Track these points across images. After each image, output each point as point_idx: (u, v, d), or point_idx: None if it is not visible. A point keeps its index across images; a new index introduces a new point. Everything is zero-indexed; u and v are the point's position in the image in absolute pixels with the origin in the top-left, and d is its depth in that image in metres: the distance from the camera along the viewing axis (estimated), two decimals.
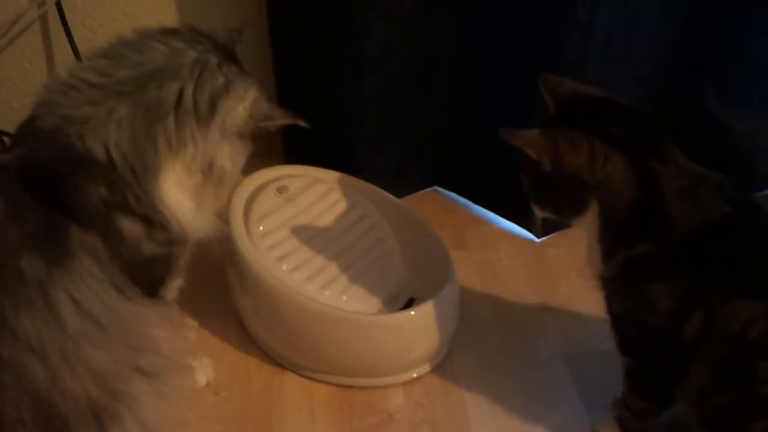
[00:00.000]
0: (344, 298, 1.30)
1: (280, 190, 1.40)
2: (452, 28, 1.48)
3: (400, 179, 1.60)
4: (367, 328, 1.25)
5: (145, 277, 1.08)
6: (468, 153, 1.63)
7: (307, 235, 1.37)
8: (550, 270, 1.55)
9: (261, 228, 1.34)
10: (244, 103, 1.04)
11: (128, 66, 1.01)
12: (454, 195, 1.72)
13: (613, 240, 1.03)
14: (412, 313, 1.27)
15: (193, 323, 1.37)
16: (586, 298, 1.44)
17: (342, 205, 1.43)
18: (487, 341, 1.40)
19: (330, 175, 1.46)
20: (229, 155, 1.05)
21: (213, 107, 1.01)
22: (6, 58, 1.60)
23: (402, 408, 1.28)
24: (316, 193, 1.42)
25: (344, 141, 1.57)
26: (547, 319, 1.45)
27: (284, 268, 1.31)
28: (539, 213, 1.11)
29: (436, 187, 1.74)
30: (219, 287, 1.38)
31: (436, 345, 1.31)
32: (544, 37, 1.42)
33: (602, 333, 1.15)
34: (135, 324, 1.06)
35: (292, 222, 1.37)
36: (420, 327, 1.28)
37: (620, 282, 1.04)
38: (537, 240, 1.62)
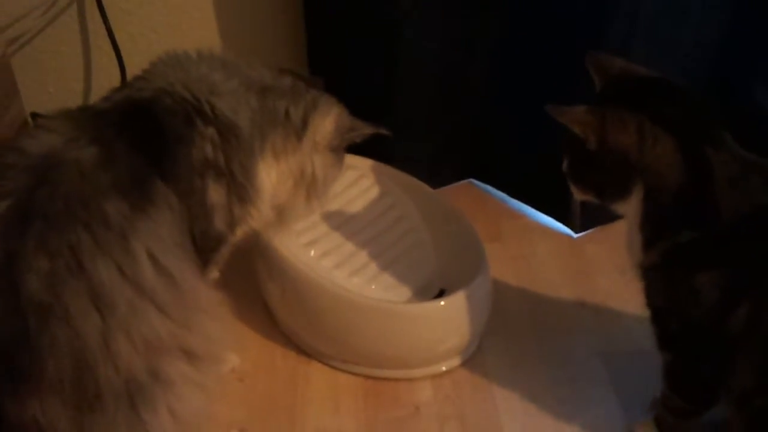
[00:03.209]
0: (373, 286, 1.27)
1: None
2: (491, 11, 1.44)
3: (434, 170, 1.57)
4: (394, 317, 1.21)
5: (202, 250, 1.08)
6: (505, 144, 1.59)
7: (336, 222, 1.34)
8: (588, 266, 1.50)
9: None
10: (330, 118, 1.15)
11: (249, 73, 1.11)
12: (489, 188, 1.68)
13: (656, 227, 0.98)
14: (442, 303, 1.23)
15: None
16: (625, 295, 1.39)
17: (373, 193, 1.39)
18: (519, 337, 1.35)
19: (362, 162, 1.42)
20: (321, 165, 1.15)
21: (305, 122, 1.12)
22: (42, 42, 1.60)
23: (430, 401, 1.24)
24: (347, 180, 1.39)
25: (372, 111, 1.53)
26: (583, 316, 1.40)
27: (312, 254, 1.28)
28: (580, 196, 1.06)
29: (472, 180, 1.70)
30: (247, 274, 1.35)
31: (466, 338, 1.26)
32: (588, 24, 1.37)
33: (642, 331, 1.10)
34: (194, 299, 1.04)
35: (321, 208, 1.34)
36: (450, 318, 1.24)
37: (661, 272, 0.99)
38: (575, 235, 1.57)
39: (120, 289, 0.96)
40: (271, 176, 1.13)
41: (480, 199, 1.66)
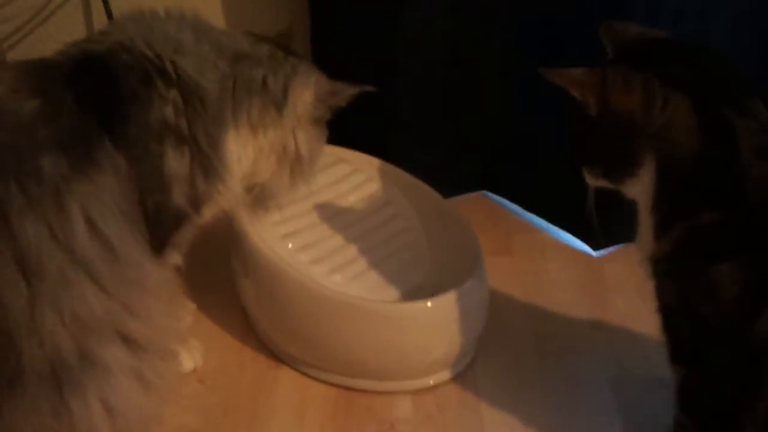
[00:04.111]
0: (354, 285, 1.14)
1: None
2: (503, 4, 1.32)
3: (444, 178, 1.41)
4: (372, 316, 1.07)
5: (157, 226, 0.96)
6: (520, 153, 1.46)
7: (321, 216, 1.21)
8: (605, 286, 1.35)
9: None
10: (309, 86, 1.04)
11: (222, 38, 1.01)
12: (503, 200, 1.54)
13: (670, 207, 0.83)
14: (429, 304, 1.08)
15: (192, 305, 1.22)
16: (644, 318, 1.22)
17: (366, 189, 1.27)
18: (520, 354, 1.20)
19: (356, 157, 1.30)
20: (304, 140, 1.04)
21: (285, 93, 1.02)
22: (46, 31, 1.53)
23: (408, 419, 1.09)
24: (338, 173, 1.27)
25: (381, 128, 1.42)
26: (595, 337, 1.24)
27: (289, 246, 1.16)
28: (592, 180, 0.92)
29: (485, 192, 1.56)
30: (224, 274, 1.23)
31: (455, 348, 1.11)
32: (607, 16, 1.24)
33: (660, 358, 0.94)
34: (138, 277, 0.93)
35: (306, 200, 1.22)
36: (437, 322, 1.09)
37: (674, 262, 0.84)
38: (593, 253, 1.42)
39: (49, 253, 0.85)
40: (246, 151, 1.01)
41: (492, 211, 1.52)
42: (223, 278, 1.23)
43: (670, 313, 0.87)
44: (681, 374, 0.88)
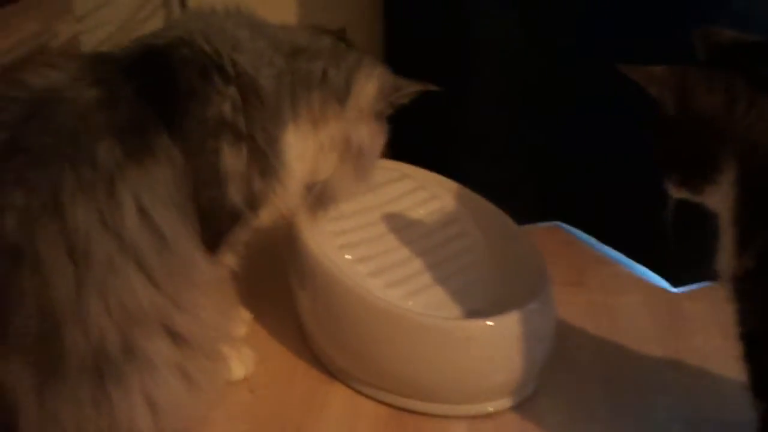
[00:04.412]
0: (410, 303, 1.09)
1: None
2: (580, 25, 1.28)
3: (516, 205, 1.36)
4: (430, 332, 1.01)
5: (210, 222, 0.95)
6: (597, 184, 1.39)
7: (382, 230, 1.18)
8: (684, 323, 1.26)
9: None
10: (373, 79, 1.03)
11: (278, 34, 1.00)
12: (578, 232, 1.47)
13: (752, 218, 0.76)
14: (490, 323, 1.02)
15: (248, 316, 1.20)
16: (724, 359, 1.13)
17: (430, 206, 1.23)
18: (587, 389, 1.12)
19: (422, 174, 1.27)
20: (367, 134, 1.04)
21: (348, 84, 1.01)
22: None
23: None
24: (402, 188, 1.23)
25: (450, 148, 1.39)
26: (670, 376, 1.15)
27: (347, 257, 1.12)
28: (674, 191, 0.86)
29: (559, 223, 1.49)
30: (282, 286, 1.19)
31: (517, 374, 1.05)
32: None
33: (739, 401, 0.87)
34: (188, 271, 0.92)
35: (368, 213, 1.19)
36: (498, 343, 1.03)
37: (758, 280, 0.76)
38: (672, 289, 1.33)
39: (98, 239, 0.84)
40: (307, 147, 1.00)
41: (565, 242, 1.46)
42: (281, 290, 1.20)
43: (753, 340, 0.79)
44: (763, 409, 0.80)
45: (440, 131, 1.38)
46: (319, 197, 1.04)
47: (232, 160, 0.94)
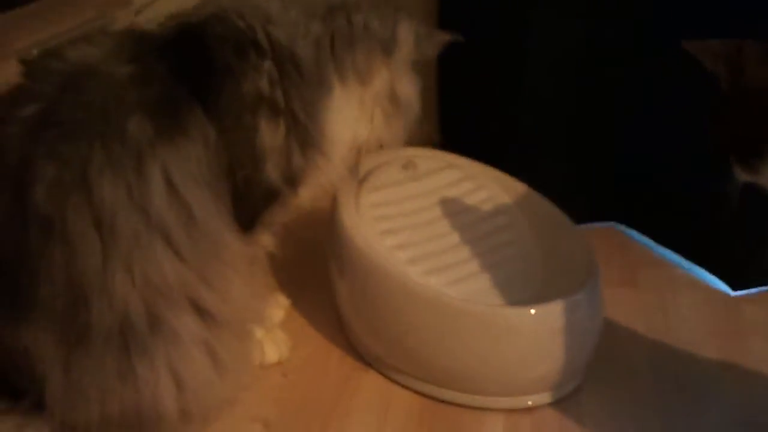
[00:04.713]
0: (450, 292, 1.05)
1: (407, 167, 1.19)
2: (643, 20, 1.23)
3: (570, 205, 1.30)
4: (468, 319, 0.98)
5: (246, 201, 0.94)
6: (655, 184, 1.34)
7: (425, 218, 1.14)
8: (742, 327, 1.20)
9: (372, 197, 1.13)
10: (413, 26, 1.02)
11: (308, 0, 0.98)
12: (634, 233, 1.41)
13: None
14: (533, 311, 0.98)
15: (286, 301, 1.18)
16: None
17: (475, 196, 1.19)
18: (635, 389, 1.07)
19: (469, 164, 1.23)
20: (410, 84, 1.02)
21: (394, 34, 0.99)
22: None
23: None
24: (448, 178, 1.20)
25: (504, 139, 1.35)
26: (727, 379, 1.09)
27: (387, 243, 1.09)
28: (741, 174, 0.81)
29: (615, 224, 1.44)
30: (321, 273, 1.17)
31: (559, 367, 1.00)
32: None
33: None
34: (217, 248, 0.91)
35: (411, 201, 1.16)
36: (541, 333, 0.99)
37: None
38: (731, 293, 1.26)
39: (124, 213, 0.84)
40: (352, 108, 0.98)
41: (620, 243, 1.41)
42: (320, 277, 1.18)
43: None
44: None
45: (498, 129, 1.35)
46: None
47: (270, 136, 0.92)
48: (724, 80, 0.77)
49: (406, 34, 1.00)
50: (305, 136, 0.94)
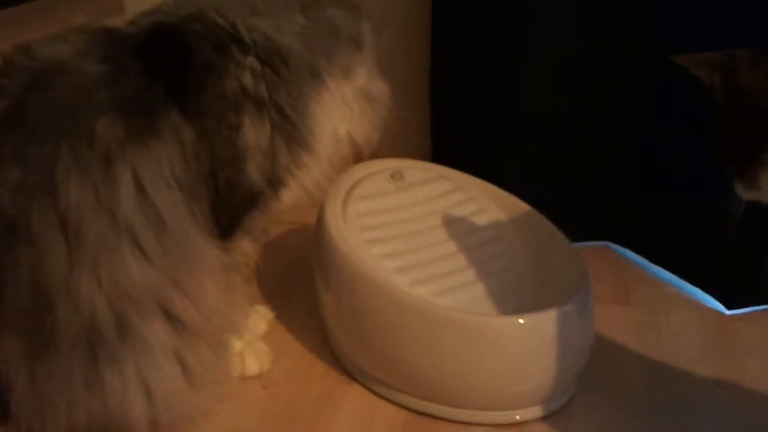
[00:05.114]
0: (437, 301, 1.02)
1: (395, 177, 1.17)
2: (644, 28, 1.22)
3: (563, 224, 1.28)
4: (455, 328, 0.95)
5: (226, 204, 0.91)
6: (649, 203, 1.33)
7: (413, 228, 1.12)
8: (736, 345, 1.17)
9: (360, 206, 1.11)
10: (369, 26, 1.00)
11: None
12: (627, 252, 1.39)
13: None
14: (521, 321, 0.95)
15: (269, 314, 1.16)
16: None
17: (465, 208, 1.17)
18: (626, 405, 1.04)
19: (459, 176, 1.21)
20: (378, 79, 1.01)
21: (360, 29, 0.99)
22: None
23: None
24: (437, 189, 1.18)
25: (497, 155, 1.34)
26: (719, 396, 1.06)
27: (373, 252, 1.07)
28: (741, 190, 0.79)
29: (608, 243, 1.42)
30: (306, 286, 1.15)
31: (549, 380, 0.97)
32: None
33: None
34: (189, 253, 0.88)
35: (400, 211, 1.14)
36: (530, 344, 0.96)
37: None
38: (726, 311, 1.24)
39: (90, 216, 0.82)
40: (336, 104, 0.96)
41: (613, 261, 1.39)
42: (304, 290, 1.16)
43: None
44: None
45: (491, 145, 1.33)
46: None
47: (254, 133, 0.90)
48: (718, 89, 0.76)
49: (368, 31, 0.98)
50: (293, 132, 0.92)
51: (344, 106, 0.97)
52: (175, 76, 0.87)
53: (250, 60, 0.90)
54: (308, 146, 0.93)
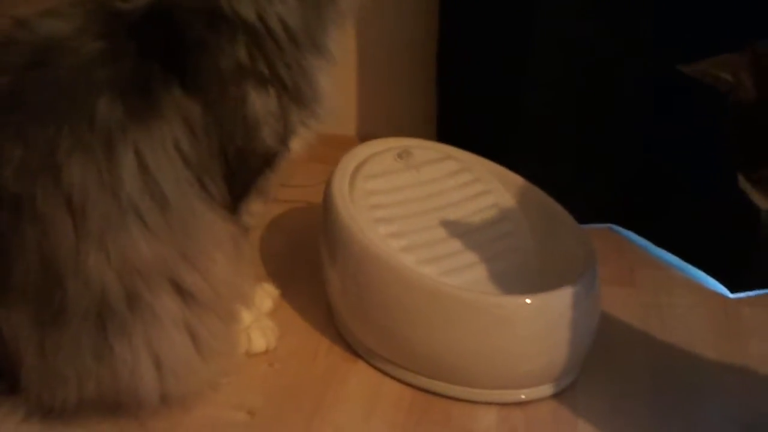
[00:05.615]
0: (446, 280, 1.02)
1: (402, 156, 1.17)
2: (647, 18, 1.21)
3: (568, 206, 1.24)
4: (461, 307, 0.95)
5: (239, 171, 0.91)
6: (654, 186, 1.32)
7: (420, 208, 1.12)
8: (740, 328, 1.17)
9: (367, 185, 1.11)
10: None
11: None
12: (631, 234, 1.39)
13: None
14: (528, 301, 0.95)
15: (275, 292, 1.15)
16: None
17: (472, 188, 1.17)
18: (631, 386, 1.04)
19: (466, 156, 1.21)
20: None
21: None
22: None
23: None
24: (445, 169, 1.18)
25: (504, 135, 1.33)
26: (724, 378, 1.07)
27: (381, 231, 1.07)
28: (759, 200, 0.77)
29: (612, 225, 1.41)
30: (314, 267, 1.14)
31: (555, 360, 0.98)
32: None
33: None
34: (197, 228, 0.88)
35: (407, 190, 1.13)
36: (536, 324, 0.96)
37: None
38: (729, 295, 1.24)
39: (94, 194, 0.83)
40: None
41: (617, 244, 1.38)
42: (311, 268, 1.15)
43: None
44: None
45: (499, 126, 1.33)
46: None
47: (261, 103, 0.90)
48: (750, 89, 0.72)
49: None
50: (308, 84, 0.92)
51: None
52: (171, 54, 0.86)
53: (240, 35, 0.88)
54: (319, 101, 0.93)
